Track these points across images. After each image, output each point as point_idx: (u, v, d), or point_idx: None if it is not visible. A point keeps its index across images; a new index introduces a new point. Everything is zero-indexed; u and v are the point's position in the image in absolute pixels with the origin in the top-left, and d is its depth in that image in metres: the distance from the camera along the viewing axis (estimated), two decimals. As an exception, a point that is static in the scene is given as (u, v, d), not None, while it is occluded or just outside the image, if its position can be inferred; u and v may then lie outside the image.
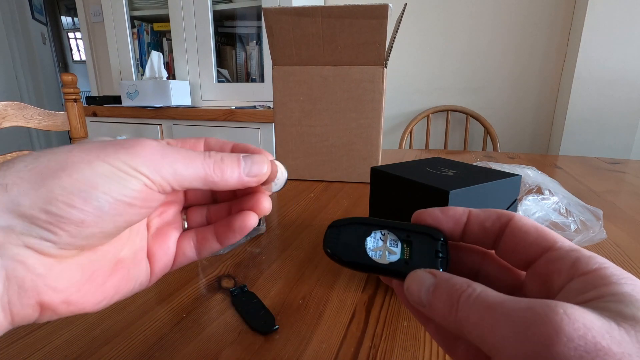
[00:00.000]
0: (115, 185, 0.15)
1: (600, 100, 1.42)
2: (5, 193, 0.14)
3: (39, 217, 0.14)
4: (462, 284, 0.14)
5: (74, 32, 3.89)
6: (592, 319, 0.11)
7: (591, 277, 0.13)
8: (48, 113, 0.90)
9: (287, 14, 0.62)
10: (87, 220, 0.14)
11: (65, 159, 0.15)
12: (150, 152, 0.16)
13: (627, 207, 0.58)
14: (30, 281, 0.14)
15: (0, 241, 0.13)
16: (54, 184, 0.14)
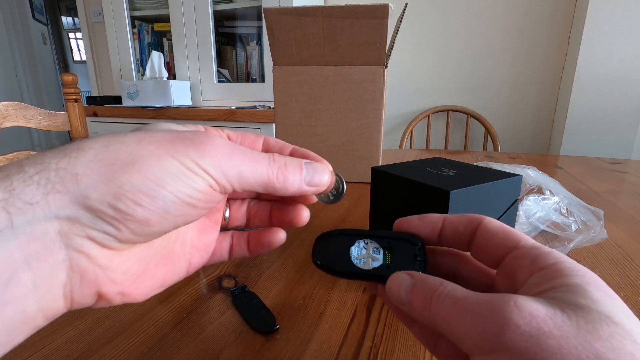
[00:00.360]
0: (182, 185, 0.15)
1: (601, 100, 1.42)
2: (76, 184, 0.13)
3: (105, 212, 0.14)
4: (435, 283, 0.16)
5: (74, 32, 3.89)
6: (538, 307, 0.12)
7: (548, 271, 0.14)
8: (49, 113, 0.90)
9: (287, 14, 0.62)
10: (152, 219, 0.14)
11: (135, 151, 0.14)
12: (219, 152, 0.16)
13: (628, 207, 0.58)
14: (92, 273, 0.14)
15: (66, 231, 0.14)
16: (124, 179, 0.14)
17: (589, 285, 0.13)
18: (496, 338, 0.12)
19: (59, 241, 0.13)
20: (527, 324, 0.12)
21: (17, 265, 0.13)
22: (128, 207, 0.14)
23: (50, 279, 0.13)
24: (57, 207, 0.13)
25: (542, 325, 0.12)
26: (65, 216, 0.13)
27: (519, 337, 0.12)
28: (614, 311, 0.12)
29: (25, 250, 0.13)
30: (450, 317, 0.14)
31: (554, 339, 0.12)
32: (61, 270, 0.14)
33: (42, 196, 0.13)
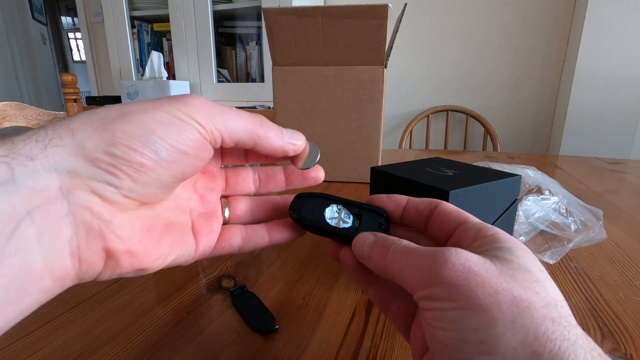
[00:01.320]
0: (172, 131, 0.16)
1: (600, 100, 1.42)
2: (72, 137, 0.14)
3: (102, 159, 0.14)
4: (394, 239, 0.19)
5: (74, 32, 3.89)
6: (472, 256, 0.16)
7: (487, 239, 0.17)
8: (48, 113, 0.90)
9: (287, 14, 0.62)
10: (147, 164, 0.15)
11: (122, 109, 0.16)
12: (205, 104, 0.17)
13: (627, 207, 0.58)
14: (97, 226, 0.15)
15: (67, 186, 0.14)
16: (115, 127, 0.15)
17: (516, 248, 0.17)
18: (435, 273, 0.15)
19: (60, 196, 0.14)
20: (461, 265, 0.15)
21: (20, 217, 0.13)
22: (122, 151, 0.14)
23: (55, 232, 0.14)
24: (56, 161, 0.14)
25: (473, 266, 0.15)
26: (65, 169, 0.14)
27: (453, 272, 0.15)
28: (531, 265, 0.16)
29: (28, 204, 0.13)
30: (401, 261, 0.17)
31: (480, 276, 0.15)
32: (65, 225, 0.14)
33: (40, 150, 0.14)
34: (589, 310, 0.31)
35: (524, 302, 0.14)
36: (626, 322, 0.29)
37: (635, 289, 0.34)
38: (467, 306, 0.14)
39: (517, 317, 0.14)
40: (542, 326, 0.13)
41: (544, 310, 0.14)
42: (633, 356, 0.26)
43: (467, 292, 0.14)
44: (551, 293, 0.15)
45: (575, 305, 0.32)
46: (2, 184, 0.13)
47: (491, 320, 0.14)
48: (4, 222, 0.12)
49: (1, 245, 0.12)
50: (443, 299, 0.15)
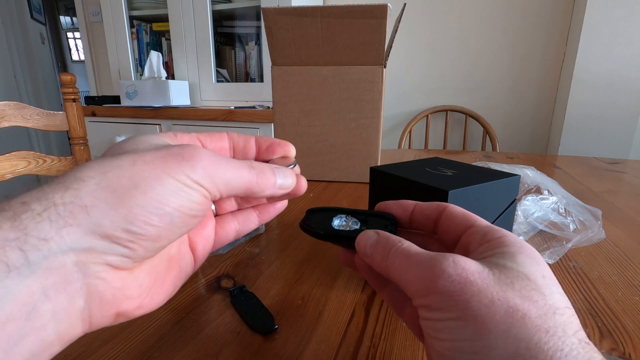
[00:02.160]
0: (183, 200, 0.16)
1: (599, 100, 1.42)
2: (87, 215, 0.14)
3: (120, 236, 0.15)
4: (396, 239, 0.19)
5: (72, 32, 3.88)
6: (471, 264, 0.16)
7: (493, 243, 0.17)
8: (47, 113, 0.90)
9: (286, 14, 0.62)
10: (162, 235, 0.16)
11: (133, 174, 0.15)
12: (208, 164, 0.17)
13: (626, 207, 0.58)
14: (111, 295, 0.15)
15: (83, 261, 0.14)
16: (132, 203, 0.15)
17: (520, 253, 0.16)
18: (432, 283, 0.16)
19: (76, 271, 0.14)
20: (458, 275, 0.15)
21: (36, 297, 0.13)
22: (141, 228, 0.15)
23: (69, 306, 0.14)
24: (72, 240, 0.14)
25: (470, 276, 0.15)
26: (81, 247, 0.14)
27: (449, 282, 0.15)
28: (532, 272, 0.16)
29: (43, 282, 0.13)
30: (401, 266, 0.17)
31: (476, 286, 0.15)
32: (79, 298, 0.14)
33: (56, 231, 0.14)
34: (588, 310, 0.31)
35: (518, 312, 0.14)
36: (625, 322, 0.29)
37: (633, 289, 0.34)
38: (461, 317, 0.15)
39: (510, 328, 0.14)
40: (535, 337, 0.13)
41: (538, 321, 0.14)
42: (632, 355, 0.26)
43: (462, 303, 0.15)
44: (551, 301, 0.15)
45: (574, 304, 0.32)
46: (16, 269, 0.13)
47: (485, 331, 0.14)
48: (20, 306, 0.13)
49: (18, 327, 0.13)
50: (439, 308, 0.15)
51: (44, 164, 0.90)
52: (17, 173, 0.86)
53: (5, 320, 0.12)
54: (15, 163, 0.85)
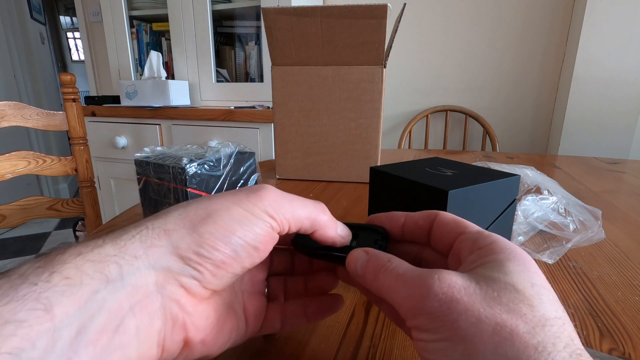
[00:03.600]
0: (248, 230, 0.18)
1: (599, 101, 1.42)
2: (168, 238, 0.17)
3: (191, 257, 0.17)
4: (384, 258, 0.19)
5: (72, 32, 3.88)
6: (457, 279, 0.15)
7: (483, 250, 0.17)
8: (47, 113, 0.90)
9: (286, 14, 0.62)
10: (226, 261, 0.17)
11: (208, 206, 0.18)
12: (274, 195, 0.19)
13: (625, 207, 0.58)
14: (182, 318, 0.17)
15: (161, 281, 0.16)
16: (204, 230, 0.17)
17: (509, 260, 0.16)
18: (420, 304, 0.15)
19: (155, 291, 0.16)
20: (444, 293, 0.15)
21: (124, 312, 0.15)
22: (208, 251, 0.17)
23: (150, 325, 0.16)
24: (155, 259, 0.16)
25: (456, 293, 0.15)
26: (161, 267, 0.16)
27: (436, 303, 0.15)
28: (520, 281, 0.15)
29: (131, 299, 0.15)
30: (391, 287, 0.17)
31: (462, 304, 0.14)
32: (157, 318, 0.16)
33: (144, 250, 0.16)
34: (588, 310, 0.31)
35: (506, 329, 0.14)
36: (624, 322, 0.29)
37: (633, 289, 0.34)
38: (450, 337, 0.14)
39: (498, 347, 0.14)
40: (523, 355, 0.13)
41: (527, 336, 0.14)
42: (632, 355, 0.26)
43: (450, 323, 0.14)
44: (541, 311, 0.14)
45: (573, 304, 0.32)
46: (113, 282, 0.15)
47: (473, 352, 0.14)
48: (112, 317, 0.14)
49: (108, 339, 0.14)
50: (429, 330, 0.15)
51: (44, 164, 0.90)
52: (17, 173, 0.86)
53: (100, 330, 0.14)
54: (15, 163, 0.85)
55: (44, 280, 0.13)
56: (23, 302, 0.12)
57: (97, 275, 0.14)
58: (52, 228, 2.46)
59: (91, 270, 0.14)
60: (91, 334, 0.13)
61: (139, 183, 0.42)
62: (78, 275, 0.14)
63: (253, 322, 0.22)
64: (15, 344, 0.12)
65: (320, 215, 0.20)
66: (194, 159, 0.38)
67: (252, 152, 0.45)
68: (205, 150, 0.42)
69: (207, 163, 0.39)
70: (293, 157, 0.71)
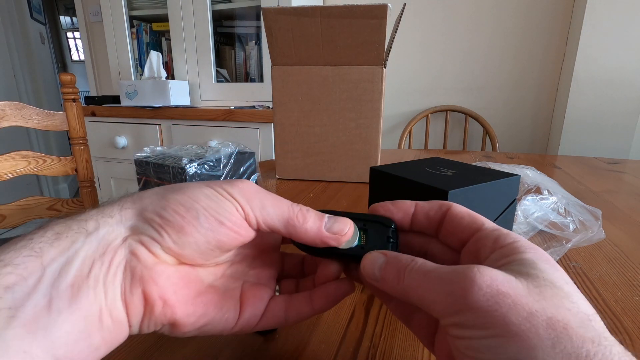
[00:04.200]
0: (212, 202, 0.19)
1: (599, 101, 1.42)
2: (140, 202, 0.19)
3: (153, 219, 0.18)
4: (407, 259, 0.18)
5: (72, 32, 3.88)
6: (497, 274, 0.15)
7: (506, 249, 0.17)
8: (47, 113, 0.90)
9: (286, 14, 0.62)
10: (186, 227, 0.18)
11: (184, 185, 0.19)
12: (247, 187, 0.20)
13: (625, 207, 0.58)
14: (140, 271, 0.18)
15: (127, 237, 0.18)
16: (171, 196, 0.19)
17: (539, 260, 0.16)
18: (462, 299, 0.15)
19: (121, 245, 0.18)
20: (488, 286, 0.14)
21: (95, 260, 0.17)
22: (169, 214, 0.18)
23: (113, 275, 0.17)
24: (126, 218, 0.18)
25: (500, 286, 0.14)
26: (129, 225, 0.18)
27: (481, 297, 0.14)
28: (556, 279, 0.15)
29: (101, 250, 0.17)
30: (421, 286, 0.16)
31: (509, 298, 0.14)
32: (119, 269, 0.17)
33: (118, 211, 0.18)
34: (588, 310, 0.31)
35: (559, 323, 0.13)
36: (625, 322, 0.29)
37: (633, 289, 0.34)
38: (502, 334, 0.13)
39: (556, 342, 0.13)
40: (582, 349, 0.13)
41: (581, 331, 0.13)
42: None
43: (500, 318, 0.14)
44: (582, 308, 0.14)
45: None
46: (90, 234, 0.17)
47: (530, 349, 0.13)
48: (85, 264, 0.16)
49: (82, 282, 0.16)
50: (475, 326, 0.14)
51: (44, 163, 0.90)
52: (17, 173, 0.86)
53: (76, 274, 0.16)
54: (15, 163, 0.85)
55: (39, 235, 0.16)
56: (20, 251, 0.16)
57: (80, 230, 0.17)
58: (52, 228, 2.45)
59: (76, 226, 0.17)
60: (69, 277, 0.16)
61: (139, 183, 0.42)
62: (65, 230, 0.17)
63: (249, 310, 0.21)
64: (11, 280, 0.15)
65: (294, 218, 0.20)
66: (194, 159, 0.38)
67: (252, 152, 0.45)
68: (205, 150, 0.42)
69: (207, 163, 0.39)
70: (293, 157, 0.71)
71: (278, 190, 0.65)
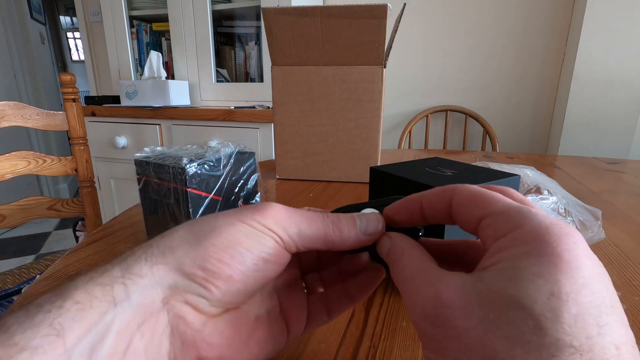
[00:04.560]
0: (254, 242, 0.17)
1: (599, 101, 1.42)
2: (172, 255, 0.16)
3: (196, 273, 0.16)
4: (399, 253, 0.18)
5: (72, 32, 3.88)
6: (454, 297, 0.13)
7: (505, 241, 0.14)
8: (47, 113, 0.90)
9: (286, 14, 0.62)
10: (234, 275, 0.16)
11: (213, 222, 0.17)
12: (279, 213, 0.18)
13: (625, 207, 0.58)
14: (191, 336, 0.16)
15: (167, 298, 0.16)
16: (207, 243, 0.16)
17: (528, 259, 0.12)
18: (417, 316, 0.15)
19: (162, 309, 0.16)
20: (436, 316, 0.14)
21: (132, 332, 0.15)
22: (214, 265, 0.16)
23: (158, 345, 0.15)
24: (160, 277, 0.16)
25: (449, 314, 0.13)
26: (167, 284, 0.16)
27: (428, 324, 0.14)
28: (530, 293, 0.12)
29: (138, 319, 0.15)
30: (399, 284, 0.17)
31: (455, 330, 0.13)
32: (165, 337, 0.16)
33: (149, 268, 0.16)
34: (588, 310, 0.31)
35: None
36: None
37: (633, 289, 0.34)
38: None
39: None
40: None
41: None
42: (631, 356, 0.26)
43: (442, 348, 0.13)
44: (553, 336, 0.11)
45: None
46: (120, 303, 0.14)
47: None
48: (121, 339, 0.14)
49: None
50: (425, 340, 0.15)
51: (44, 163, 0.90)
52: (17, 173, 0.86)
53: (111, 352, 0.14)
54: (15, 163, 0.85)
55: (57, 307, 0.14)
56: (38, 329, 0.13)
57: (106, 297, 0.14)
58: (52, 228, 2.46)
59: (100, 293, 0.14)
60: (102, 357, 0.13)
61: (139, 183, 0.42)
62: (88, 299, 0.14)
63: (296, 322, 0.21)
64: None
65: (330, 234, 0.19)
66: (194, 159, 0.38)
67: (252, 152, 0.44)
68: (205, 150, 0.42)
69: (207, 163, 0.39)
70: (293, 157, 0.71)
71: (278, 190, 0.65)
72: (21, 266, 0.93)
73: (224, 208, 0.42)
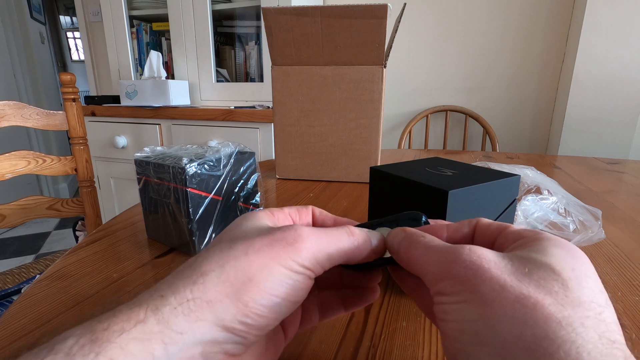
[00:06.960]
0: (292, 290, 0.18)
1: (599, 101, 1.42)
2: (212, 311, 0.16)
3: (237, 328, 0.16)
4: (419, 234, 0.19)
5: (72, 32, 3.88)
6: (488, 253, 0.16)
7: (527, 239, 0.17)
8: (47, 113, 0.90)
9: (286, 13, 0.62)
10: (270, 324, 0.17)
11: (247, 267, 0.17)
12: (311, 245, 0.18)
13: (625, 207, 0.58)
14: None
15: (207, 351, 0.16)
16: (248, 297, 0.17)
17: (553, 246, 0.16)
18: (445, 269, 0.16)
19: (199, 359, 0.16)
20: (472, 261, 0.15)
21: None
22: (254, 320, 0.17)
23: None
24: (201, 333, 0.16)
25: (484, 263, 0.15)
26: (208, 340, 0.16)
27: (462, 268, 0.15)
28: (559, 263, 0.15)
29: None
30: (419, 258, 0.18)
31: (489, 273, 0.15)
32: None
33: (189, 326, 0.15)
34: (588, 310, 0.31)
35: (530, 300, 0.14)
36: (625, 322, 0.29)
37: (633, 289, 0.34)
38: (469, 300, 0.15)
39: (517, 314, 0.14)
40: (543, 325, 0.13)
41: (552, 309, 0.13)
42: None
43: (472, 287, 0.15)
44: (576, 294, 0.14)
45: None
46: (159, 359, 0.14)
47: (490, 314, 0.14)
48: None
49: None
50: (450, 293, 0.16)
51: (44, 163, 0.90)
52: (17, 173, 0.86)
53: None
54: (15, 163, 0.85)
55: None
56: None
57: (143, 355, 0.14)
58: (52, 228, 2.46)
59: (137, 350, 0.14)
60: None
61: (138, 183, 0.42)
62: (123, 355, 0.14)
63: (292, 327, 0.22)
64: None
65: (355, 253, 0.20)
66: (194, 158, 0.38)
67: (252, 152, 0.44)
68: (205, 150, 0.42)
69: (207, 163, 0.39)
70: (293, 157, 0.71)
71: (278, 190, 0.65)
72: (21, 266, 0.93)
73: (224, 208, 0.41)
